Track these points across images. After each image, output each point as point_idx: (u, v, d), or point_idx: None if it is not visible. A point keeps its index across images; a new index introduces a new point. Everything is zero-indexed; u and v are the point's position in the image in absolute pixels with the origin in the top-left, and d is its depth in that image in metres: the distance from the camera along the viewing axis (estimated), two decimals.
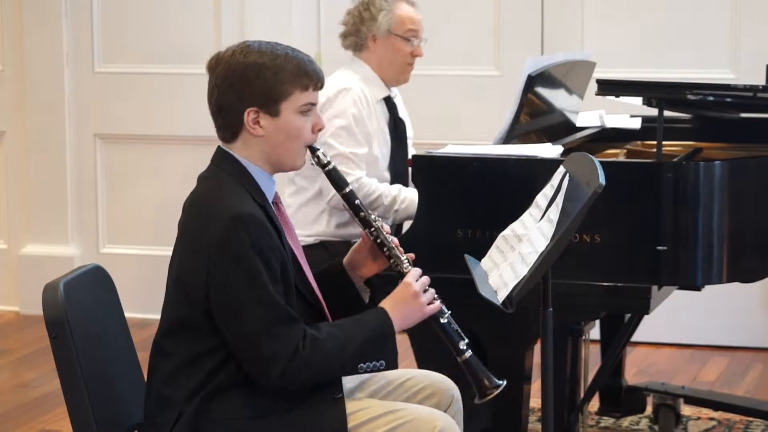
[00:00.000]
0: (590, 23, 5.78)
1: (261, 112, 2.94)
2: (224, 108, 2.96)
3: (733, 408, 4.47)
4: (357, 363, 2.92)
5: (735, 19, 5.63)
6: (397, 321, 2.98)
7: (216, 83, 2.97)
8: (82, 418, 2.89)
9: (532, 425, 4.33)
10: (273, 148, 2.96)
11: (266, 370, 2.85)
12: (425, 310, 3.02)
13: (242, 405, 2.89)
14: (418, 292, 3.01)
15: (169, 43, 6.18)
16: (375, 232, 3.08)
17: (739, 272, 3.65)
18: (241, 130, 2.96)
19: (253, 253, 2.83)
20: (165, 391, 2.92)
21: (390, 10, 4.37)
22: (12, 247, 6.50)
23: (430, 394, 3.13)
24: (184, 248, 2.93)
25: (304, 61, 2.96)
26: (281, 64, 2.93)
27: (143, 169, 6.28)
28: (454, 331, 3.04)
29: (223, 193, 2.92)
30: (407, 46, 4.38)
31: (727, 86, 3.88)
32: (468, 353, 3.03)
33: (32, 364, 5.56)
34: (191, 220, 2.95)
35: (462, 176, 3.62)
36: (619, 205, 3.50)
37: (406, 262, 3.07)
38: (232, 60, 2.94)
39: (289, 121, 2.95)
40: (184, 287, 2.90)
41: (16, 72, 6.37)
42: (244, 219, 2.84)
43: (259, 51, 2.94)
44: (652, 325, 5.15)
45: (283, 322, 2.85)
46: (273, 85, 2.92)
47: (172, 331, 2.94)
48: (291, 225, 3.09)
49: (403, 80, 4.45)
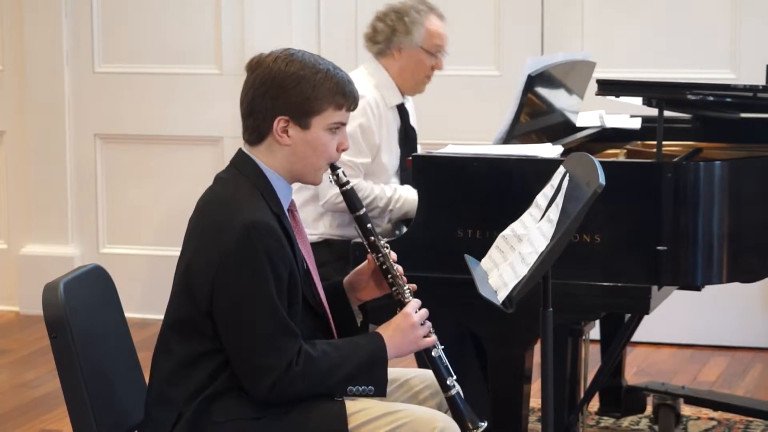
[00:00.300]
0: (590, 23, 5.78)
1: (291, 122, 2.94)
2: (256, 111, 2.96)
3: (733, 408, 4.47)
4: (347, 385, 2.93)
5: (735, 19, 5.63)
6: (392, 349, 2.99)
7: (253, 85, 2.96)
8: (82, 418, 2.89)
9: (532, 425, 4.33)
10: (297, 160, 2.97)
11: (257, 380, 2.85)
12: (420, 342, 3.03)
13: (243, 405, 2.89)
14: (416, 324, 3.02)
15: (169, 43, 6.17)
16: (382, 258, 3.08)
17: (739, 272, 3.65)
18: (268, 135, 2.96)
19: (263, 262, 2.83)
20: (166, 390, 2.93)
21: (422, 23, 4.36)
22: (12, 247, 6.50)
23: (431, 395, 3.13)
24: (194, 248, 2.92)
25: (344, 81, 2.97)
26: (321, 80, 2.94)
27: (143, 169, 6.28)
28: (444, 367, 3.05)
29: (240, 198, 2.92)
30: (431, 60, 4.40)
31: (727, 86, 3.88)
32: (454, 390, 3.04)
33: (32, 364, 5.56)
34: (205, 220, 2.94)
35: (462, 176, 3.62)
36: (619, 205, 3.50)
37: (408, 292, 3.07)
38: (273, 65, 2.94)
39: (317, 137, 2.96)
40: (189, 286, 2.90)
41: (16, 72, 6.37)
42: (257, 227, 2.84)
43: (302, 62, 2.95)
44: (652, 325, 5.15)
45: (281, 335, 2.85)
46: (309, 99, 2.93)
47: (174, 330, 2.94)
48: (305, 234, 3.09)
49: (419, 91, 4.49)
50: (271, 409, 2.90)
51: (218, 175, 3.03)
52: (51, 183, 6.36)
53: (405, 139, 4.43)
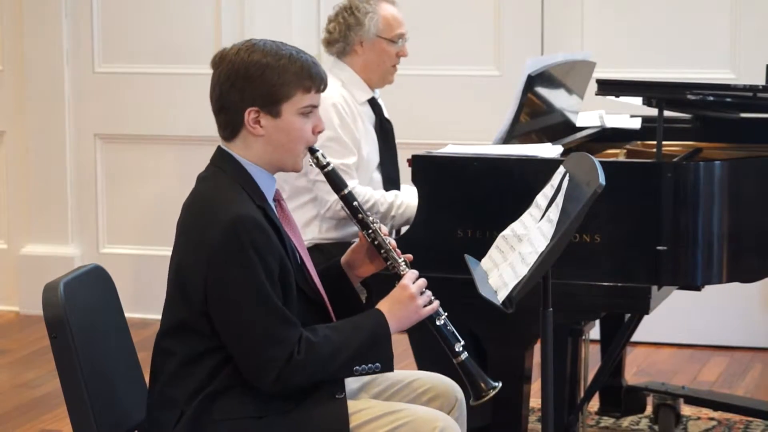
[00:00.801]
0: (590, 23, 5.78)
1: (262, 112, 2.93)
2: (225, 106, 2.96)
3: (733, 408, 4.47)
4: (352, 366, 2.93)
5: (735, 19, 5.63)
6: (394, 323, 2.99)
7: (219, 80, 2.96)
8: (82, 418, 2.89)
9: (532, 425, 4.33)
10: (273, 149, 2.96)
11: (261, 372, 2.85)
12: (421, 312, 3.02)
13: (244, 404, 2.89)
14: (414, 294, 3.01)
15: (169, 43, 6.17)
16: (372, 233, 3.08)
17: (739, 272, 3.65)
18: (242, 129, 2.96)
19: (251, 255, 2.83)
20: (168, 390, 2.93)
21: (375, 12, 4.31)
22: (12, 247, 6.50)
23: (434, 397, 3.13)
24: (183, 249, 2.93)
25: (309, 63, 2.96)
26: (285, 65, 2.92)
27: (143, 169, 6.28)
28: (450, 333, 3.04)
29: (222, 194, 2.92)
30: (394, 48, 4.35)
31: (727, 86, 3.88)
32: (464, 355, 3.03)
33: (32, 364, 5.56)
34: (190, 221, 2.95)
35: (462, 176, 3.62)
36: (619, 205, 3.50)
37: (403, 263, 3.07)
38: (236, 58, 2.94)
39: (290, 123, 2.95)
40: (182, 288, 2.90)
41: (16, 72, 6.37)
42: (242, 221, 2.84)
43: (263, 50, 2.94)
44: (652, 325, 5.15)
45: (279, 325, 2.85)
46: (275, 86, 2.92)
47: (172, 332, 2.94)
48: (293, 222, 3.09)
49: (388, 81, 4.40)
50: (273, 408, 2.90)
51: (200, 175, 3.03)
52: (51, 183, 6.36)
53: (381, 132, 4.40)
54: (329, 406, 2.92)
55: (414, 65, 5.87)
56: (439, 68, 5.93)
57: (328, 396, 2.93)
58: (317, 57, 4.39)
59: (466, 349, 3.04)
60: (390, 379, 3.16)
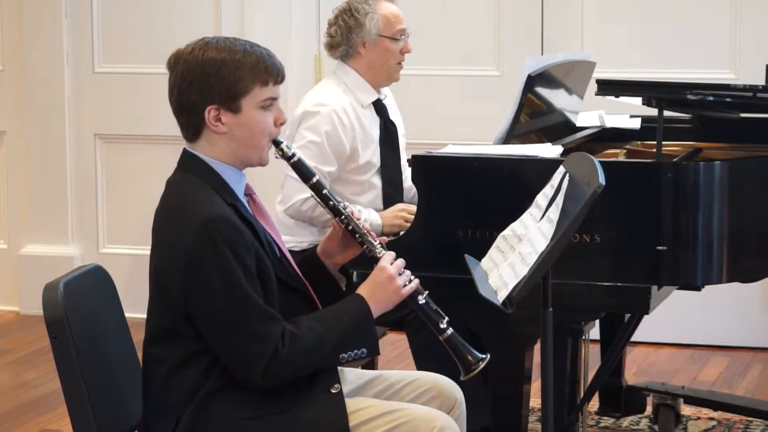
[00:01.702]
0: (590, 23, 5.78)
1: (222, 109, 2.93)
2: (185, 106, 2.96)
3: (733, 408, 4.47)
4: (338, 354, 2.93)
5: (735, 19, 5.63)
6: (375, 306, 2.99)
7: (176, 81, 2.97)
8: (82, 418, 2.89)
9: (532, 425, 4.33)
10: (238, 145, 2.96)
11: (248, 370, 2.85)
12: (402, 292, 3.02)
13: (240, 406, 2.89)
14: (393, 275, 3.01)
15: (169, 43, 6.11)
16: (345, 219, 3.08)
17: (739, 272, 3.65)
18: (204, 128, 2.96)
19: (227, 254, 2.83)
20: (161, 397, 2.93)
21: (374, 12, 4.30)
22: (12, 247, 6.50)
23: (434, 397, 3.13)
24: (159, 255, 2.94)
25: (264, 56, 2.95)
26: (240, 60, 2.92)
27: (143, 169, 6.28)
28: (434, 311, 3.05)
29: (192, 196, 2.92)
30: (397, 45, 4.35)
31: (727, 86, 3.88)
32: (449, 331, 3.04)
33: (32, 364, 5.56)
34: (163, 226, 2.95)
35: (462, 176, 3.62)
36: (619, 205, 3.50)
37: (379, 246, 3.08)
38: (190, 57, 2.95)
39: (251, 117, 2.94)
40: (163, 294, 2.91)
41: (16, 72, 6.37)
42: (214, 221, 2.84)
43: (217, 47, 2.93)
44: (652, 325, 5.15)
45: (261, 322, 2.85)
46: (233, 82, 2.91)
47: (158, 338, 2.95)
48: (267, 215, 3.08)
49: (394, 79, 4.39)
50: (270, 407, 2.90)
51: (168, 180, 3.03)
52: (51, 183, 6.36)
53: (386, 134, 4.39)
54: (327, 403, 2.92)
55: (414, 65, 5.87)
56: (439, 68, 5.93)
57: (324, 391, 2.93)
58: (317, 58, 4.40)
59: (451, 326, 3.04)
60: (390, 379, 3.16)
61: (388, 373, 3.19)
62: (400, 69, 4.37)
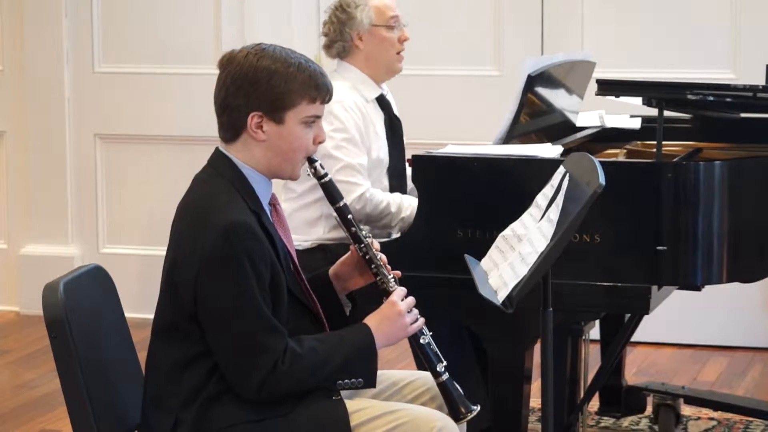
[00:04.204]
0: (590, 23, 5.78)
1: (265, 117, 2.93)
2: (230, 107, 2.95)
3: (733, 408, 4.47)
4: (336, 379, 2.93)
5: (735, 19, 5.63)
6: (381, 339, 2.99)
7: (225, 82, 2.96)
8: (82, 418, 2.89)
9: (532, 425, 4.33)
10: (274, 155, 2.96)
11: (245, 380, 2.85)
12: (409, 329, 3.03)
13: (242, 409, 2.88)
14: (403, 311, 3.01)
15: (169, 43, 6.17)
16: (365, 248, 3.08)
17: (738, 272, 3.65)
18: (243, 132, 2.96)
19: (243, 263, 2.83)
20: (161, 396, 2.92)
21: (365, 3, 4.29)
22: (12, 247, 6.50)
23: (433, 397, 3.13)
24: (176, 250, 2.93)
25: (317, 73, 2.96)
26: (293, 73, 2.92)
27: (143, 169, 6.28)
28: (433, 353, 3.05)
29: (218, 198, 2.91)
30: (393, 33, 4.34)
31: (727, 86, 3.87)
32: (445, 376, 3.04)
33: (32, 364, 5.56)
34: (185, 223, 2.95)
35: (462, 176, 3.62)
36: (619, 205, 3.50)
37: (392, 280, 3.08)
38: (244, 61, 2.93)
39: (292, 131, 2.95)
40: (173, 291, 2.91)
41: (16, 72, 6.37)
42: (236, 228, 2.84)
43: (273, 56, 2.93)
44: (652, 325, 5.15)
45: (266, 334, 2.85)
46: (281, 93, 2.92)
47: (163, 334, 2.94)
48: (287, 227, 3.09)
49: (396, 70, 4.36)
50: (271, 410, 2.89)
51: (196, 176, 3.03)
52: (51, 183, 6.36)
53: (391, 129, 4.39)
54: (328, 406, 2.92)
55: (414, 65, 5.87)
56: (439, 68, 5.93)
57: (325, 396, 2.93)
58: (316, 59, 4.39)
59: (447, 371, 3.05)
60: (390, 379, 3.16)
61: (388, 373, 3.19)
62: (400, 59, 4.35)
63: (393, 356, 5.43)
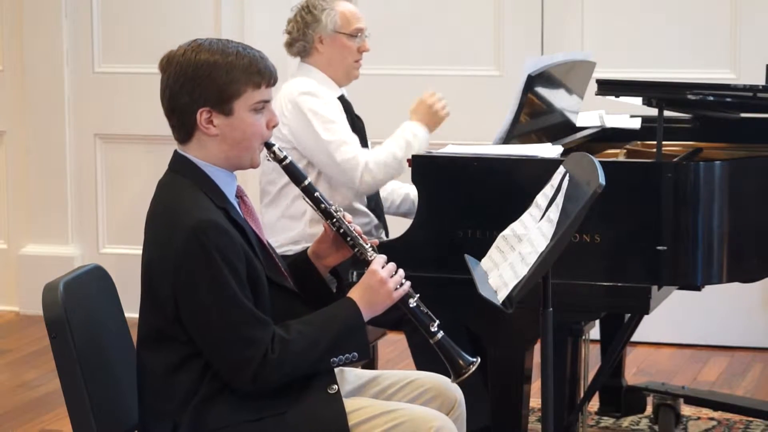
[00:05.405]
0: (590, 23, 5.78)
1: (214, 111, 2.92)
2: (177, 108, 2.95)
3: (733, 408, 4.47)
4: (329, 358, 2.93)
5: (735, 19, 5.63)
6: (366, 309, 2.98)
7: (168, 83, 2.96)
8: (82, 418, 2.89)
9: (532, 425, 4.33)
10: (229, 147, 2.95)
11: (237, 374, 2.85)
12: (393, 295, 3.01)
13: (238, 409, 2.88)
14: (384, 279, 3.00)
15: (168, 43, 6.13)
16: (337, 222, 3.07)
17: (739, 272, 3.66)
18: (195, 130, 2.95)
19: (217, 259, 2.82)
20: (155, 403, 2.92)
21: (332, 8, 4.30)
22: (12, 247, 6.50)
23: (433, 397, 3.12)
24: (149, 259, 2.93)
25: (256, 58, 2.93)
26: (233, 62, 2.91)
27: (143, 169, 6.28)
28: (424, 314, 3.04)
29: (182, 200, 2.91)
30: (354, 42, 4.34)
31: (727, 86, 3.88)
32: (440, 334, 3.03)
33: (32, 364, 5.56)
34: (154, 228, 2.95)
35: (462, 176, 3.62)
36: (619, 205, 3.50)
37: (371, 249, 3.07)
38: (183, 59, 2.93)
39: (243, 120, 2.93)
40: (154, 296, 2.90)
41: (16, 72, 6.37)
42: (204, 227, 2.83)
43: (210, 49, 2.92)
44: (652, 325, 5.15)
45: (251, 327, 2.84)
46: (225, 84, 2.90)
47: (150, 341, 2.93)
48: (256, 216, 3.08)
49: (353, 77, 4.37)
50: (268, 409, 2.89)
51: (159, 181, 3.02)
52: (51, 183, 6.36)
53: (354, 129, 4.40)
54: (326, 403, 2.92)
55: (414, 65, 5.88)
56: (439, 68, 5.92)
57: (322, 392, 2.93)
58: None
59: (442, 329, 3.04)
60: (389, 378, 3.16)
61: (388, 373, 3.19)
62: (358, 67, 4.36)
63: (393, 356, 5.42)
